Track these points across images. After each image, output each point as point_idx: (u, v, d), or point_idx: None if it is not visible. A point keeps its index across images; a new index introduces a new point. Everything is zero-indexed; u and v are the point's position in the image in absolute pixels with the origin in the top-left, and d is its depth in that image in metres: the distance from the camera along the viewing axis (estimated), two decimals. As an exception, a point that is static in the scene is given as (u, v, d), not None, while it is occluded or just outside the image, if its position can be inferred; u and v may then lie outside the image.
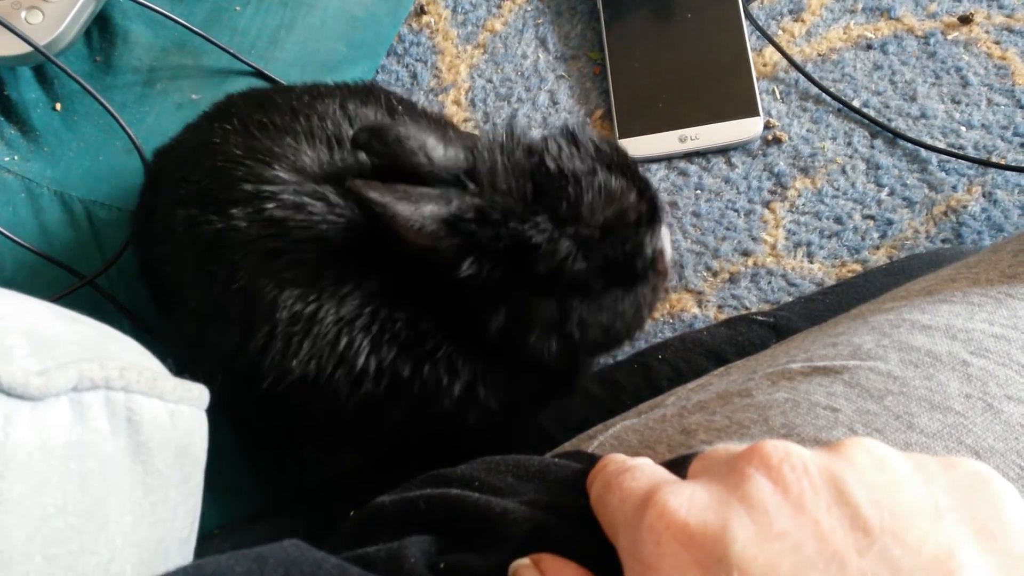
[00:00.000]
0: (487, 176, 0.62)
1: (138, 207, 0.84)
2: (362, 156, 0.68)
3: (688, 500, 0.33)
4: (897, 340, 0.51)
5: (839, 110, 0.98)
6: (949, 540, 0.30)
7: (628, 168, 0.65)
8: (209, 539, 0.79)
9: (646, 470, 0.38)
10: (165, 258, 0.74)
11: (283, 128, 0.71)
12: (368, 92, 0.79)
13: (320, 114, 0.72)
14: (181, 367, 0.73)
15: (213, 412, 0.54)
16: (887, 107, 0.98)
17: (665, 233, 0.70)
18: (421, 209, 0.60)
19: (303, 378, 0.65)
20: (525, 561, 0.40)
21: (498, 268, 0.62)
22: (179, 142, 0.80)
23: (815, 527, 0.31)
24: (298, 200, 0.65)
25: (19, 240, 0.88)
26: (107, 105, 0.92)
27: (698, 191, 0.98)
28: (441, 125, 0.77)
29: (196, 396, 0.51)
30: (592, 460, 0.49)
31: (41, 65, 0.98)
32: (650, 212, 0.65)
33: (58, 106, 0.98)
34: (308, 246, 0.64)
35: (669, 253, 0.71)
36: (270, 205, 0.65)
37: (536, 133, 0.67)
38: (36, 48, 0.86)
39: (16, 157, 0.96)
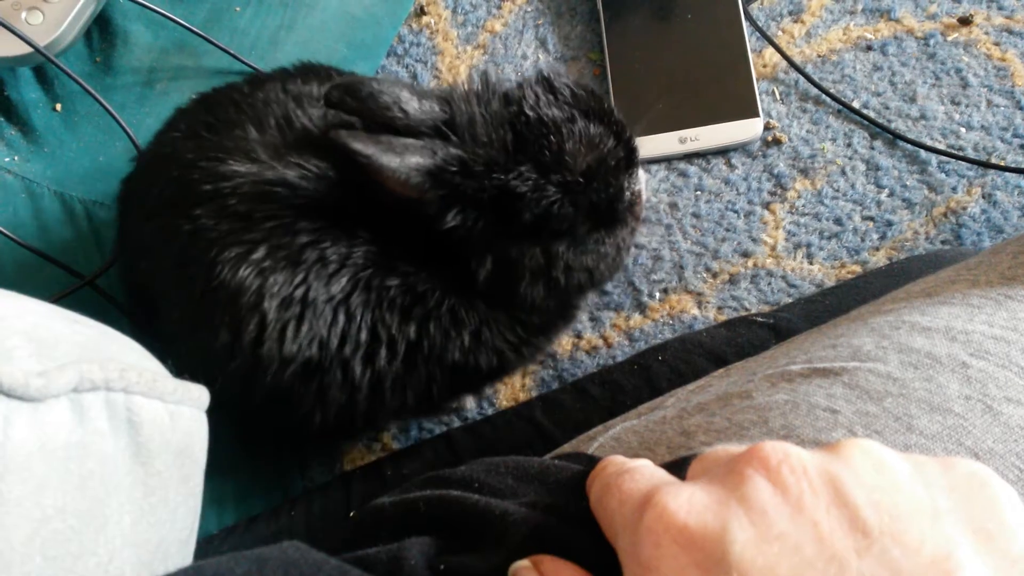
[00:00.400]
0: (466, 127, 0.62)
1: (117, 237, 0.84)
2: (315, 130, 0.68)
3: (687, 501, 0.33)
4: (897, 342, 0.51)
5: (839, 111, 0.98)
6: (948, 541, 0.30)
7: (605, 113, 0.66)
8: (208, 540, 0.79)
9: (645, 472, 0.38)
10: (147, 276, 0.74)
11: (230, 122, 0.70)
12: (308, 70, 0.79)
13: (263, 100, 0.72)
14: (181, 368, 0.73)
15: (213, 414, 0.54)
16: (887, 108, 0.98)
17: (642, 175, 0.72)
18: (406, 160, 0.60)
19: (308, 363, 0.65)
20: (525, 563, 0.40)
21: (482, 218, 0.63)
22: (137, 165, 0.81)
23: (814, 528, 0.31)
24: (258, 190, 0.65)
25: (19, 240, 0.88)
26: (107, 106, 0.92)
27: (698, 192, 0.98)
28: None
29: (196, 397, 0.51)
30: (592, 462, 0.49)
31: (41, 66, 0.98)
32: (628, 156, 0.67)
33: (58, 107, 0.98)
34: (281, 232, 0.64)
35: (646, 194, 0.73)
36: (232, 201, 0.64)
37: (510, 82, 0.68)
38: (36, 49, 0.86)
39: (16, 157, 0.96)
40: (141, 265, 0.75)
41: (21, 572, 0.38)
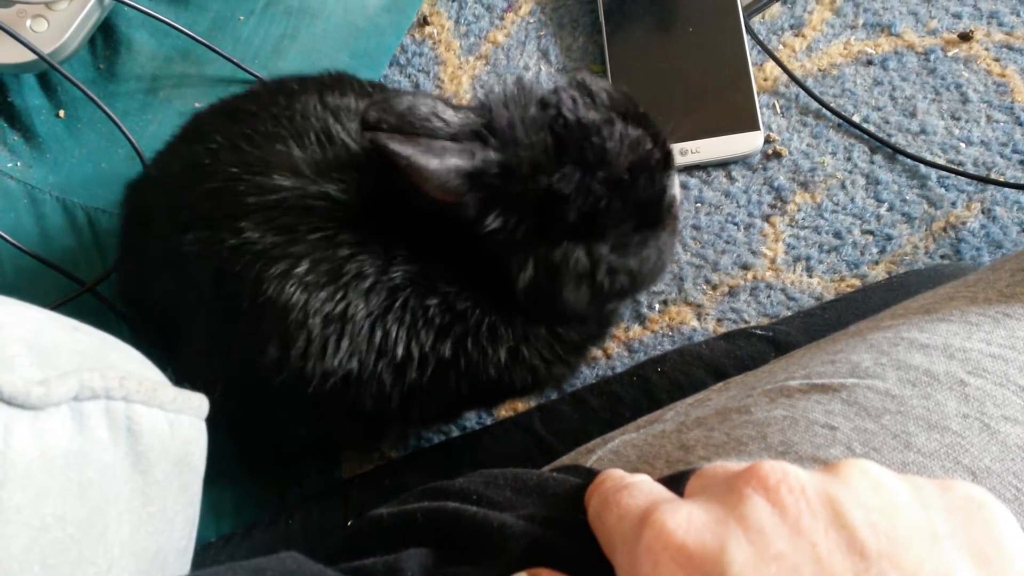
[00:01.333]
0: (506, 131, 0.62)
1: (123, 254, 0.83)
2: (354, 145, 0.69)
3: (686, 520, 0.33)
4: (895, 358, 0.51)
5: (839, 125, 0.99)
6: (946, 564, 0.30)
7: (642, 116, 0.67)
8: (206, 548, 0.79)
9: (644, 487, 0.38)
10: (171, 291, 0.73)
11: (270, 136, 0.70)
12: (341, 81, 0.79)
13: (302, 113, 0.72)
14: (181, 377, 0.73)
15: (212, 423, 0.54)
16: (887, 123, 0.98)
17: (675, 178, 0.72)
18: (446, 162, 0.60)
19: (347, 376, 0.66)
20: (522, 574, 0.40)
21: (524, 221, 0.63)
22: (157, 172, 0.80)
23: (812, 550, 0.31)
24: (303, 204, 0.65)
25: (20, 245, 0.88)
26: (110, 112, 0.93)
27: (698, 204, 0.98)
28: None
29: (196, 406, 0.51)
30: (590, 475, 0.49)
31: (45, 72, 0.98)
32: (665, 157, 0.68)
33: (61, 113, 0.99)
34: (324, 245, 0.64)
35: (679, 197, 0.74)
36: (277, 214, 0.65)
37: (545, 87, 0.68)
38: (41, 56, 0.86)
39: (19, 163, 0.96)
40: (164, 279, 0.74)
41: (19, 581, 0.38)
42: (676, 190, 0.71)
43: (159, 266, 0.75)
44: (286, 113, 0.72)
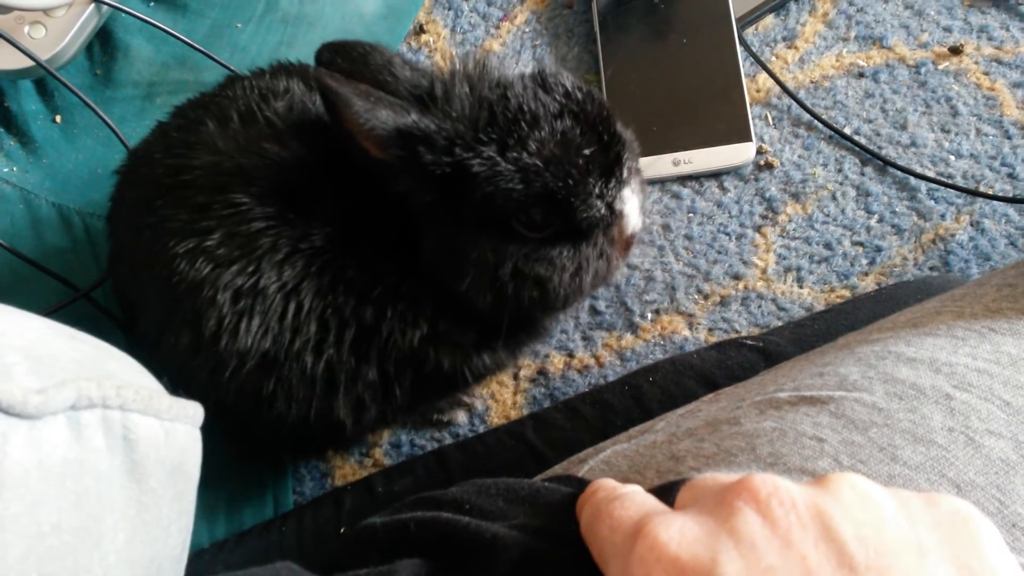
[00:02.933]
0: (443, 100, 0.61)
1: (109, 256, 0.84)
2: (279, 122, 0.68)
3: (678, 532, 0.34)
4: (882, 372, 0.52)
5: (831, 137, 1.00)
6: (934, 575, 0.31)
7: (599, 120, 0.63)
8: (199, 555, 0.80)
9: (636, 499, 0.39)
10: (124, 283, 0.75)
11: (196, 120, 0.71)
12: (278, 67, 0.78)
13: (230, 97, 0.72)
14: (176, 385, 0.73)
15: (207, 429, 0.54)
16: (878, 135, 0.99)
17: (630, 197, 0.66)
18: (377, 111, 0.59)
19: (264, 356, 0.64)
20: None
21: (432, 192, 0.62)
22: (118, 179, 0.80)
23: (802, 563, 0.32)
24: (217, 182, 0.65)
25: (16, 251, 0.88)
26: (106, 118, 0.93)
27: (691, 214, 0.99)
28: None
29: (191, 414, 0.52)
30: (582, 484, 0.50)
31: (42, 78, 0.98)
32: (608, 163, 0.63)
33: (58, 119, 0.99)
34: (236, 219, 0.63)
35: (635, 224, 0.67)
36: (190, 192, 0.65)
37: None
38: (38, 62, 0.87)
39: (15, 168, 0.96)
40: (120, 272, 0.76)
41: (16, 588, 0.38)
42: (624, 206, 0.65)
43: (115, 260, 0.76)
44: (216, 99, 0.73)
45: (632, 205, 0.66)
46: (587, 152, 0.61)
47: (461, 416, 0.92)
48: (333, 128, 0.61)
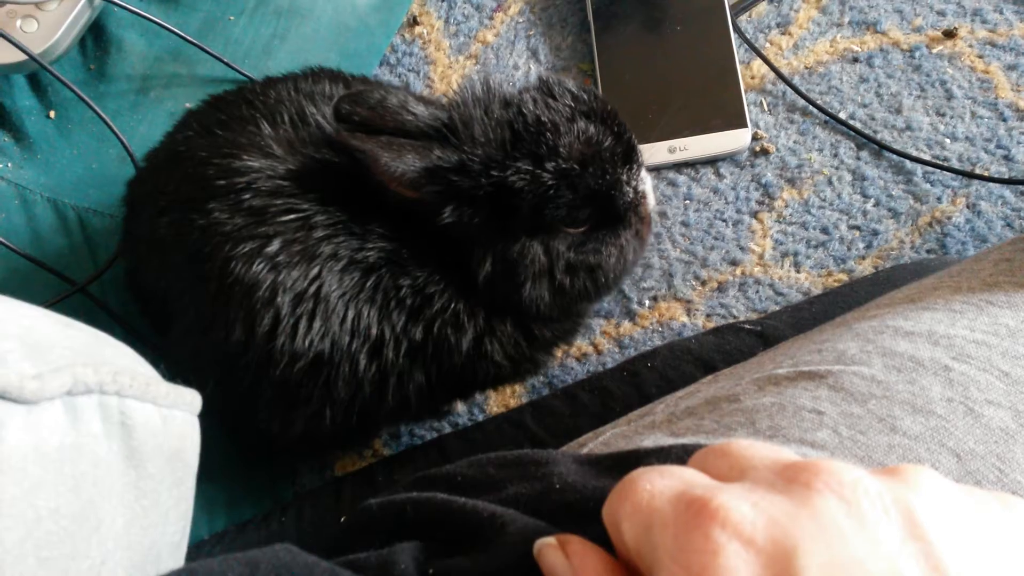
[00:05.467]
0: (465, 128, 0.64)
1: (124, 240, 0.84)
2: (328, 127, 0.69)
3: (752, 511, 0.30)
4: (881, 346, 0.52)
5: (826, 122, 1.00)
6: None
7: (607, 115, 0.68)
8: (199, 546, 0.80)
9: (674, 470, 0.35)
10: (158, 275, 0.74)
11: (243, 119, 0.72)
12: (318, 72, 0.80)
13: (276, 98, 0.73)
14: (174, 374, 0.73)
15: (207, 421, 0.54)
16: (873, 119, 0.99)
17: (647, 178, 0.72)
18: (403, 157, 0.62)
19: (318, 357, 0.66)
20: (550, 540, 0.39)
21: (479, 215, 0.65)
22: (147, 165, 0.81)
23: (891, 560, 0.28)
24: (273, 186, 0.66)
25: (12, 246, 0.88)
26: (101, 113, 0.93)
27: (687, 201, 0.99)
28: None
29: (189, 401, 0.52)
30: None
31: (35, 73, 0.98)
32: (626, 152, 0.68)
33: (52, 114, 0.99)
34: (296, 226, 0.65)
35: (652, 201, 0.74)
36: (247, 195, 0.65)
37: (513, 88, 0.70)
38: (31, 56, 0.87)
39: (10, 164, 0.96)
40: (152, 264, 0.75)
41: (15, 573, 0.38)
42: (645, 186, 0.72)
43: (146, 253, 0.76)
44: (260, 98, 0.73)
45: (649, 183, 0.72)
46: (607, 145, 0.66)
47: (460, 405, 0.92)
48: (365, 181, 0.63)
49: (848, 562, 0.28)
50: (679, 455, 0.45)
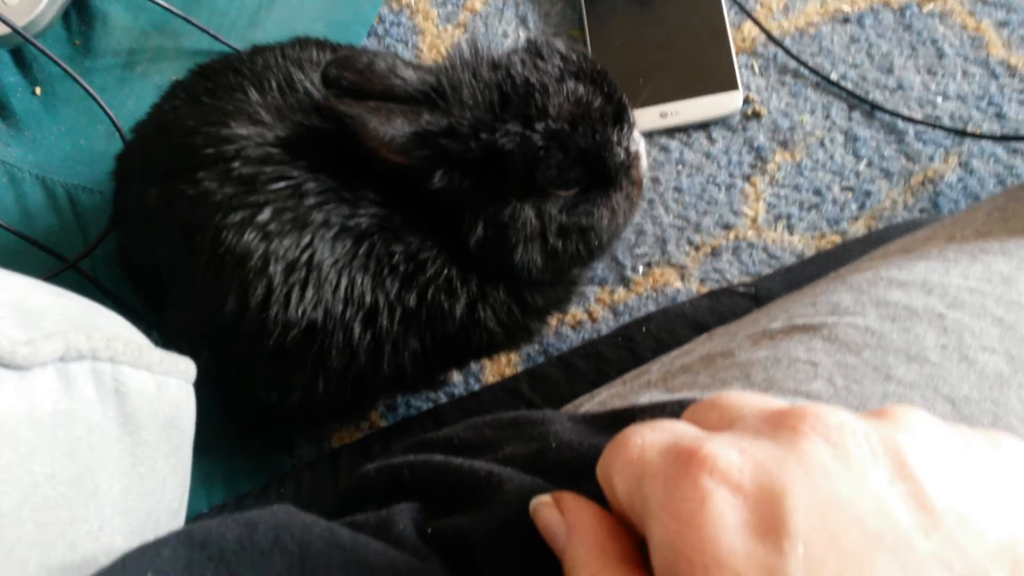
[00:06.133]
0: (453, 92, 0.63)
1: (115, 215, 0.84)
2: (317, 93, 0.69)
3: (739, 457, 0.30)
4: (874, 296, 0.52)
5: (817, 83, 0.99)
6: (1013, 525, 0.28)
7: (597, 74, 0.67)
8: (198, 519, 0.80)
9: (665, 423, 0.35)
10: (150, 249, 0.74)
11: (230, 87, 0.71)
12: (305, 40, 0.79)
13: (263, 65, 0.72)
14: (166, 339, 0.73)
15: (203, 395, 0.54)
16: (864, 80, 0.99)
17: (639, 139, 0.71)
18: (392, 122, 0.61)
19: (311, 325, 0.66)
20: (545, 498, 0.39)
21: (469, 178, 0.64)
22: (135, 138, 0.80)
23: (878, 500, 0.28)
24: (262, 153, 0.65)
25: (1, 222, 0.87)
26: (89, 88, 0.92)
27: (679, 166, 0.98)
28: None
29: (183, 369, 0.52)
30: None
31: (19, 49, 0.97)
32: (617, 112, 0.67)
33: (38, 90, 0.98)
34: (287, 194, 0.64)
35: (645, 163, 0.73)
36: (236, 163, 0.65)
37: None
38: (14, 28, 0.85)
39: (-4, 142, 0.95)
40: (143, 237, 0.74)
41: (12, 537, 0.38)
42: (638, 147, 0.71)
43: (137, 227, 0.75)
44: (247, 65, 0.73)
45: (642, 145, 0.72)
46: (597, 105, 0.65)
47: (456, 376, 0.92)
48: (355, 147, 0.63)
49: (835, 503, 0.28)
50: (674, 410, 0.45)
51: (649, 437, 0.34)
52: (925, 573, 0.27)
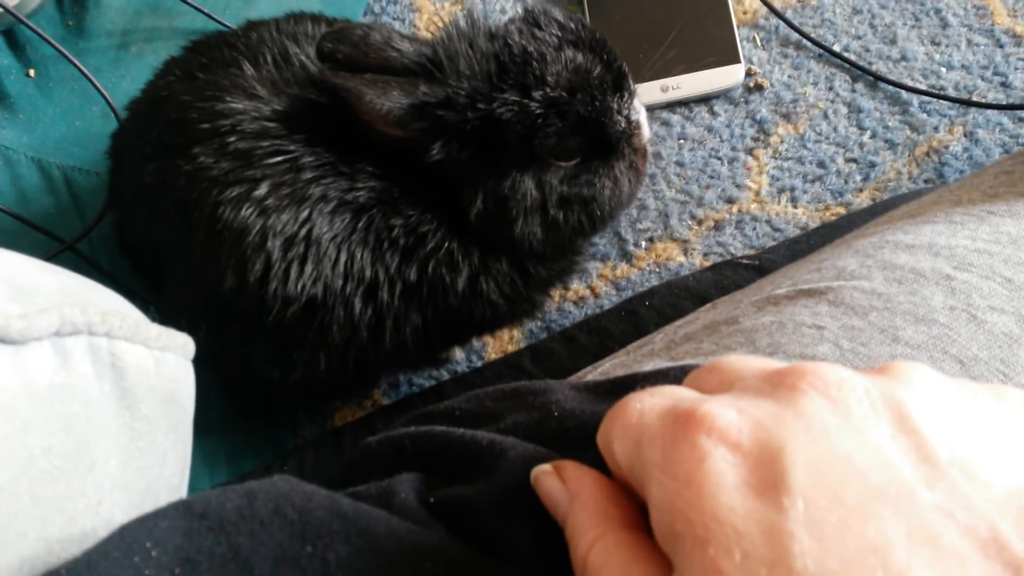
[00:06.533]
0: (450, 63, 0.63)
1: (111, 195, 0.83)
2: (313, 66, 0.68)
3: (737, 417, 0.30)
4: (880, 260, 0.51)
5: (820, 55, 0.98)
6: (1019, 475, 0.28)
7: (596, 43, 0.66)
8: (201, 498, 0.79)
9: (664, 388, 0.35)
10: (147, 226, 0.73)
11: (225, 61, 0.70)
12: (300, 14, 0.78)
13: (258, 39, 0.72)
14: (164, 316, 0.73)
15: (203, 374, 0.54)
16: (867, 51, 0.97)
17: (640, 108, 0.70)
18: (388, 94, 0.61)
19: (311, 301, 0.65)
20: (546, 467, 0.39)
21: (468, 149, 0.64)
22: (130, 115, 0.80)
23: (879, 454, 0.28)
24: (259, 127, 0.64)
25: (-1, 206, 0.87)
26: (83, 69, 0.91)
27: (681, 140, 0.97)
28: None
29: (181, 344, 0.51)
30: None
31: (12, 31, 0.96)
32: (616, 79, 0.66)
33: (32, 72, 0.97)
34: (285, 168, 0.64)
35: (647, 132, 0.72)
36: (232, 138, 0.64)
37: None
38: (6, 9, 0.85)
39: (-9, 125, 0.95)
40: (140, 214, 0.74)
41: (9, 510, 0.38)
42: (639, 116, 0.70)
43: (133, 205, 0.75)
44: (242, 40, 0.72)
45: (643, 114, 0.71)
46: (596, 73, 0.64)
47: (458, 353, 0.91)
48: (351, 121, 0.62)
49: (835, 459, 0.28)
50: (676, 376, 0.45)
51: (648, 402, 0.33)
52: (929, 524, 0.26)
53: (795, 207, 0.93)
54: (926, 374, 0.31)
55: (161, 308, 0.77)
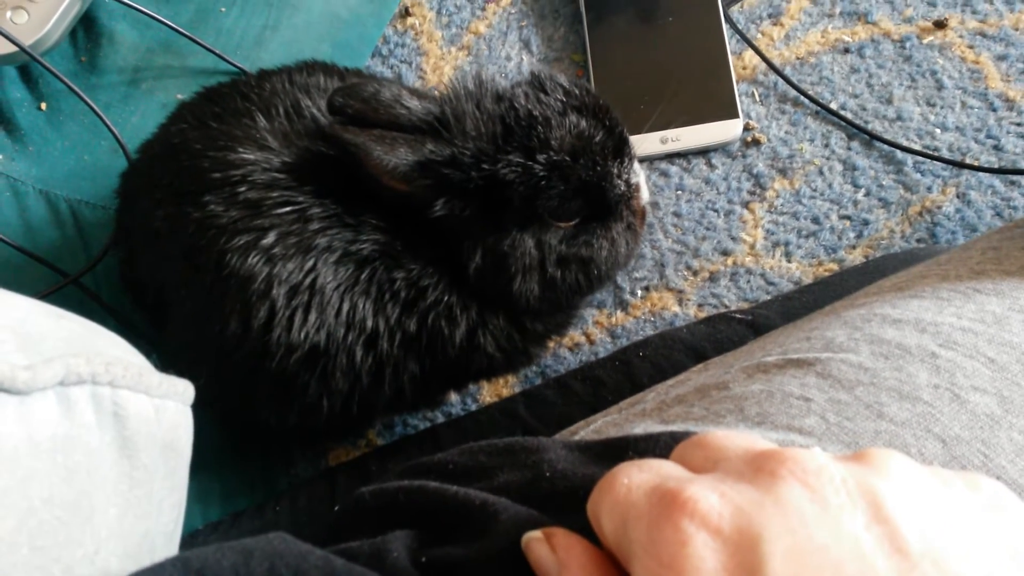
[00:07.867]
0: (457, 122, 0.64)
1: (117, 232, 0.84)
2: (323, 119, 0.70)
3: (719, 501, 0.31)
4: (868, 333, 0.52)
5: (817, 112, 1.00)
6: (989, 567, 0.29)
7: (599, 109, 0.68)
8: (193, 536, 0.80)
9: (651, 463, 0.36)
10: (154, 268, 0.74)
11: (238, 111, 0.71)
12: (313, 64, 0.80)
13: (271, 90, 0.73)
14: (168, 366, 0.74)
15: (201, 413, 0.54)
16: (864, 109, 0.99)
17: (639, 171, 0.72)
18: (396, 151, 0.62)
19: (314, 348, 0.66)
20: (537, 534, 0.40)
21: (470, 207, 0.65)
22: (141, 157, 0.81)
23: (855, 545, 0.29)
24: (268, 178, 0.66)
25: (4, 237, 0.88)
26: (92, 104, 0.93)
27: (679, 192, 0.99)
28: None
29: (181, 392, 0.52)
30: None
31: (26, 65, 0.98)
32: (617, 145, 0.68)
33: (43, 105, 0.99)
34: (291, 219, 0.65)
35: (646, 194, 0.74)
36: (242, 188, 0.65)
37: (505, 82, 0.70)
38: (22, 48, 0.86)
39: (1, 156, 0.96)
40: (147, 257, 0.75)
41: (8, 562, 0.39)
42: (639, 179, 0.72)
43: (142, 246, 0.76)
44: (255, 91, 0.73)
45: (642, 177, 0.73)
46: (598, 139, 0.66)
47: (454, 395, 0.92)
48: (359, 174, 0.64)
49: (812, 548, 0.29)
50: (667, 442, 0.45)
51: (636, 477, 0.34)
52: None
53: (789, 261, 0.95)
54: (901, 463, 0.32)
55: (162, 347, 0.78)
